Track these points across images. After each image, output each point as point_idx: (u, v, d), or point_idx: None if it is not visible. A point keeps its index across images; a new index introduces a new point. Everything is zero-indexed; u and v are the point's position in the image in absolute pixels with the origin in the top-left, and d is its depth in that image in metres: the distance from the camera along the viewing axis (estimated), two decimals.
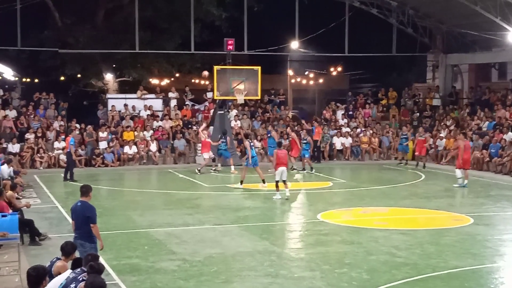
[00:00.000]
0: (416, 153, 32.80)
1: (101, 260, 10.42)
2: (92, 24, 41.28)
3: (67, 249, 10.45)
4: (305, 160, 30.68)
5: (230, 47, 34.35)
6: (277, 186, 22.46)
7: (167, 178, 29.46)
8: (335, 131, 36.40)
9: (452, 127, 35.33)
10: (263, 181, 25.33)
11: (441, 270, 13.47)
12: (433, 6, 36.84)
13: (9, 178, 22.75)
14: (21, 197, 21.46)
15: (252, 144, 26.73)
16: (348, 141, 35.93)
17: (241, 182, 25.50)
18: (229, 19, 41.01)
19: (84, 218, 11.91)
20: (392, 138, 36.66)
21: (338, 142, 35.95)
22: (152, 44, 40.36)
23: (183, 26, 40.48)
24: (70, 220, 12.79)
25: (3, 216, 13.96)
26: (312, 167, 30.43)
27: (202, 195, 23.94)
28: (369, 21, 41.00)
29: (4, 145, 31.10)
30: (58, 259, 10.41)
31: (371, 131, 36.93)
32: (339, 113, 39.05)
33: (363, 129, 37.06)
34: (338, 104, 40.50)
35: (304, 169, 30.29)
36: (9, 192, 17.40)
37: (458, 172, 25.65)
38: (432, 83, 42.15)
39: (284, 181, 22.52)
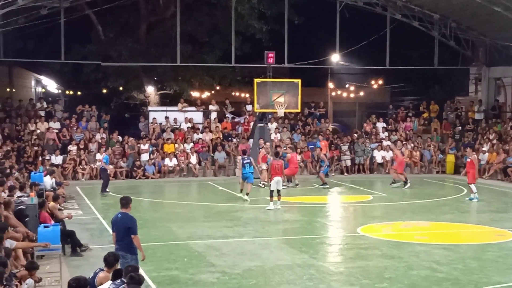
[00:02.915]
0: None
1: (141, 271, 10.49)
2: (134, 37, 41.77)
3: (109, 260, 10.54)
4: (321, 176, 30.08)
5: (271, 60, 34.42)
6: (271, 196, 22.69)
7: (207, 191, 29.56)
8: (376, 144, 36.18)
9: (494, 141, 34.87)
10: (245, 193, 25.28)
11: (483, 286, 13.27)
12: (475, 19, 36.47)
13: (52, 189, 23.05)
14: (63, 208, 21.73)
15: (246, 161, 25.65)
16: (389, 154, 35.64)
17: (247, 194, 25.37)
18: (270, 32, 41.11)
19: (125, 229, 11.99)
20: (434, 152, 36.34)
21: (378, 156, 35.71)
22: (193, 57, 40.69)
23: (224, 39, 40.77)
24: (111, 231, 12.89)
25: (45, 227, 14.15)
26: (324, 183, 29.65)
27: (241, 208, 23.94)
28: (411, 33, 40.78)
29: (47, 157, 31.54)
30: (101, 270, 10.50)
31: (412, 145, 36.61)
32: (380, 126, 38.79)
33: (404, 142, 36.74)
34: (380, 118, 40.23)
35: (323, 184, 29.61)
36: (52, 203, 17.65)
37: (474, 187, 25.30)
38: (474, 96, 41.70)
39: (278, 192, 22.74)
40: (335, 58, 39.89)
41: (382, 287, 13.17)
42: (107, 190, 27.34)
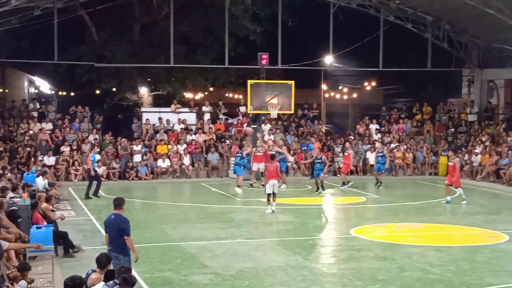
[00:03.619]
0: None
1: (134, 272, 10.48)
2: (128, 38, 41.74)
3: (102, 261, 10.53)
4: (320, 179, 27.87)
5: (264, 61, 34.47)
6: (268, 199, 22.68)
7: (200, 192, 29.52)
8: (369, 146, 36.17)
9: (487, 143, 34.96)
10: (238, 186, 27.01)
11: (475, 287, 13.32)
12: (469, 21, 36.56)
13: (44, 190, 22.97)
14: (55, 209, 21.68)
15: (238, 154, 27.55)
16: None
17: (238, 186, 27.03)
18: (264, 33, 41.15)
19: (118, 230, 11.98)
20: (427, 154, 36.40)
21: (371, 157, 35.66)
22: (187, 58, 40.67)
23: (217, 40, 40.78)
24: (104, 232, 12.87)
25: (38, 228, 14.11)
26: (321, 187, 27.76)
27: (235, 209, 23.94)
28: (404, 35, 40.85)
29: (40, 158, 31.46)
30: (93, 271, 10.48)
31: (405, 146, 36.66)
32: (373, 128, 38.82)
33: (397, 144, 36.80)
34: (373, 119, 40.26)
35: (318, 189, 27.79)
36: (44, 204, 17.58)
37: (461, 190, 25.28)
38: (467, 98, 41.83)
39: (274, 194, 22.68)
40: (329, 59, 39.92)
41: None
42: (96, 194, 26.60)
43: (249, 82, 34.03)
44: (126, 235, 11.95)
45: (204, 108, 38.71)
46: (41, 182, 23.76)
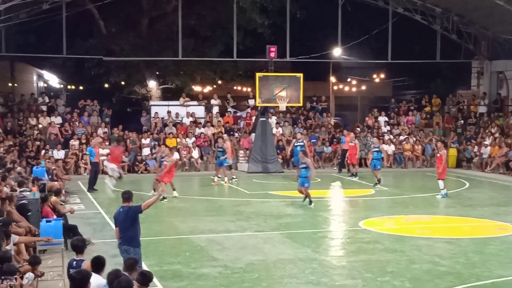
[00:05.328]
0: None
1: (144, 265, 10.50)
2: (136, 32, 41.75)
3: (74, 244, 10.95)
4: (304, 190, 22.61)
5: (273, 54, 34.40)
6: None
7: (209, 185, 29.51)
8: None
9: (497, 135, 34.85)
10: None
11: (485, 279, 13.28)
12: (478, 13, 36.42)
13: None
14: (64, 203, 21.72)
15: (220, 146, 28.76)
16: (390, 148, 35.63)
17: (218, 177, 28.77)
18: (272, 26, 41.08)
19: (128, 223, 12.01)
20: (436, 146, 36.27)
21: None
22: (195, 51, 40.66)
23: (226, 33, 40.75)
24: (113, 226, 12.91)
25: (47, 221, 14.16)
26: (307, 198, 22.72)
27: (243, 202, 23.93)
28: (413, 27, 40.74)
29: (49, 152, 31.53)
30: (75, 260, 10.57)
31: (414, 139, 36.58)
32: (382, 120, 38.74)
33: (406, 136, 36.73)
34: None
35: (305, 199, 22.86)
36: (54, 198, 17.64)
37: (442, 183, 24.82)
38: (476, 90, 41.68)
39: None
40: (337, 52, 39.84)
41: (384, 281, 13.18)
42: (90, 188, 26.56)
43: (258, 75, 34.02)
44: (141, 211, 12.14)
45: (212, 101, 38.71)
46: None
